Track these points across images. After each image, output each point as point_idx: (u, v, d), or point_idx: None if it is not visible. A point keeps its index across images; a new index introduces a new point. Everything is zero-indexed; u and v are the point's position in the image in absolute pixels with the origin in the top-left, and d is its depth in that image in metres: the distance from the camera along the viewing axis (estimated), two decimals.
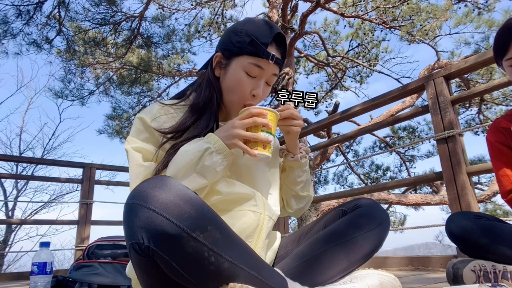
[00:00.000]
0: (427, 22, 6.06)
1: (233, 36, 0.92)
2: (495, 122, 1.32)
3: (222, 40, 0.97)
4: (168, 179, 0.66)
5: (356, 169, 8.56)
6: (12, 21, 5.19)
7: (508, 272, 1.09)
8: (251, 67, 0.90)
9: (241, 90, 0.91)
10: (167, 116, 0.91)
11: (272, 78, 0.95)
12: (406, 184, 5.02)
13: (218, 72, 0.96)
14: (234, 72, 0.91)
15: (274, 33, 0.90)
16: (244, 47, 0.89)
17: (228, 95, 0.94)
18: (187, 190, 0.65)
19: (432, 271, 1.92)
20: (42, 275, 1.61)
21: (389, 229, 0.92)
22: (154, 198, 0.61)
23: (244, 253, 0.68)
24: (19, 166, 10.76)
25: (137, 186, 0.65)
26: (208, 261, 0.61)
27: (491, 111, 6.79)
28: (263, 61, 0.89)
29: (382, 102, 2.51)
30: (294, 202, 1.07)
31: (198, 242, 0.60)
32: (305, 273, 0.79)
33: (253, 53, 0.89)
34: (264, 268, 0.71)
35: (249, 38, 0.88)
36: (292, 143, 1.00)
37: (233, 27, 0.95)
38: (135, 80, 6.41)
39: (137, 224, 0.60)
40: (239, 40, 0.90)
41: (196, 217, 0.61)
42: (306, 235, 0.99)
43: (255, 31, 0.90)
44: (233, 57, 0.92)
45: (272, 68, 0.92)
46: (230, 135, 0.80)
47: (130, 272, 0.83)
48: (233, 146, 0.81)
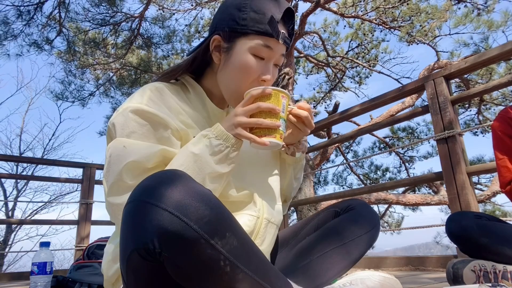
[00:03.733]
0: (427, 23, 6.06)
1: (235, 12, 0.78)
2: (503, 111, 1.32)
3: (219, 18, 0.82)
4: (182, 174, 0.58)
5: (355, 169, 8.56)
6: (13, 21, 5.20)
7: (508, 272, 1.09)
8: (260, 48, 0.77)
9: (248, 77, 0.79)
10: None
11: (281, 59, 0.83)
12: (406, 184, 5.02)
13: (217, 58, 0.82)
14: (239, 55, 0.78)
15: (283, 8, 0.79)
16: (251, 25, 0.77)
17: (231, 85, 0.81)
18: (204, 189, 0.57)
19: (432, 271, 1.92)
20: (42, 275, 1.61)
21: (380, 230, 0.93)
22: (168, 196, 0.52)
23: (259, 265, 0.61)
24: (19, 166, 10.78)
25: (144, 181, 0.57)
26: (223, 270, 0.54)
27: (490, 112, 6.79)
28: (272, 40, 0.78)
29: (381, 102, 2.51)
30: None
31: (216, 250, 0.53)
32: (305, 276, 0.78)
33: (262, 32, 0.77)
34: (278, 279, 0.65)
35: (256, 14, 0.77)
36: (291, 140, 0.90)
37: (233, 2, 0.81)
38: (135, 80, 6.41)
39: (147, 226, 0.52)
40: (244, 17, 0.77)
41: (216, 222, 0.54)
42: (296, 237, 0.97)
43: (261, 6, 0.78)
44: (237, 37, 0.78)
45: (281, 48, 0.81)
46: (232, 125, 0.72)
47: (106, 271, 0.76)
48: (237, 137, 0.72)
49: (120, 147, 0.70)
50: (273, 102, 0.73)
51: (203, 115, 0.85)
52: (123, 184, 0.69)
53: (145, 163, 0.69)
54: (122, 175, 0.68)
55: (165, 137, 0.74)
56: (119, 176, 0.68)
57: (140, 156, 0.69)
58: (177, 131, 0.76)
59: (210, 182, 0.71)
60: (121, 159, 0.69)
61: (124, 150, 0.69)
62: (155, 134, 0.73)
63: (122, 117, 0.72)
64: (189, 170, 0.68)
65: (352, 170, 8.50)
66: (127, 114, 0.72)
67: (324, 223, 0.94)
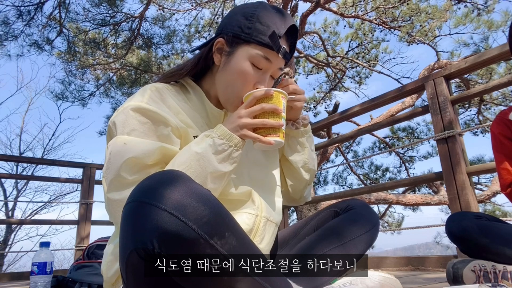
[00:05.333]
0: (427, 23, 6.06)
1: (242, 20, 0.81)
2: (501, 113, 1.31)
3: (227, 23, 0.85)
4: (181, 174, 0.58)
5: (355, 169, 8.56)
6: (13, 22, 5.20)
7: (508, 272, 1.09)
8: (259, 58, 0.80)
9: (244, 83, 0.81)
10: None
11: (278, 72, 0.87)
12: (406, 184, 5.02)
13: (218, 60, 0.85)
14: (238, 61, 0.81)
15: (288, 25, 0.82)
16: (255, 35, 0.79)
17: (227, 88, 0.83)
18: (203, 189, 0.57)
19: (432, 271, 1.92)
20: (42, 275, 1.61)
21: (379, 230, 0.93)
22: (167, 196, 0.52)
23: (259, 264, 0.61)
24: (19, 166, 10.78)
25: (143, 181, 0.57)
26: (223, 270, 0.55)
27: (490, 112, 6.79)
28: (272, 53, 0.80)
29: (381, 102, 2.51)
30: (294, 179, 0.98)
31: (215, 250, 0.53)
32: (305, 276, 0.78)
33: (263, 44, 0.79)
34: (278, 279, 0.65)
35: (261, 26, 0.79)
36: (295, 117, 0.93)
37: (242, 9, 0.84)
38: (135, 80, 6.41)
39: (146, 226, 0.52)
40: (249, 26, 0.80)
41: (215, 222, 0.54)
42: (296, 237, 0.98)
43: (267, 19, 0.80)
44: (239, 44, 0.81)
45: (280, 62, 0.83)
46: (237, 126, 0.73)
47: (106, 271, 0.76)
48: (242, 138, 0.74)
49: (121, 144, 0.70)
50: (275, 103, 0.76)
51: (202, 115, 0.86)
52: (123, 180, 0.69)
53: (144, 160, 0.70)
54: (121, 171, 0.69)
55: (165, 135, 0.74)
56: (118, 172, 0.69)
57: (140, 153, 0.69)
58: (177, 129, 0.77)
59: (211, 182, 0.71)
60: (121, 155, 0.69)
61: (124, 146, 0.70)
62: (156, 131, 0.74)
63: (123, 115, 0.73)
64: (191, 168, 0.69)
65: (352, 170, 8.50)
66: (128, 112, 0.73)
67: (324, 223, 0.94)
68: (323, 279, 0.80)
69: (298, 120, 0.94)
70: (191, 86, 0.88)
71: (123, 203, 0.62)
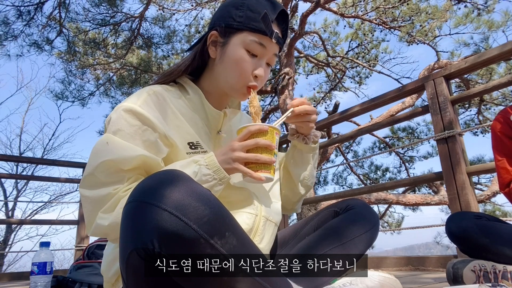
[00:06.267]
0: (427, 23, 6.06)
1: (233, 10, 0.83)
2: (503, 112, 1.31)
3: (218, 16, 0.86)
4: (181, 174, 0.58)
5: (355, 169, 8.56)
6: (13, 22, 5.20)
7: (508, 272, 1.09)
8: (253, 44, 0.81)
9: (242, 70, 0.82)
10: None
11: (273, 58, 0.87)
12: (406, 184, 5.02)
13: (213, 52, 0.86)
14: (233, 50, 0.82)
15: (278, 10, 0.83)
16: (247, 22, 0.81)
17: (227, 77, 0.84)
18: (203, 189, 0.57)
19: (432, 271, 1.92)
20: (42, 275, 1.61)
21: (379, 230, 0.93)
22: (167, 196, 0.52)
23: (259, 264, 0.61)
24: (19, 166, 10.78)
25: (144, 181, 0.57)
26: (223, 270, 0.55)
27: (490, 112, 6.79)
28: (266, 39, 0.81)
29: (381, 102, 2.51)
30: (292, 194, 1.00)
31: (215, 250, 0.53)
32: (305, 276, 0.78)
33: (256, 30, 0.80)
34: (278, 279, 0.65)
35: (252, 13, 0.81)
36: (306, 132, 0.94)
37: (232, 1, 0.86)
38: (135, 80, 6.41)
39: (146, 226, 0.51)
40: (240, 14, 0.81)
41: (215, 221, 0.54)
42: (296, 237, 0.98)
43: (258, 6, 0.82)
44: (233, 33, 0.82)
45: (274, 47, 0.84)
46: (229, 159, 0.72)
47: (106, 271, 0.77)
48: (233, 171, 0.73)
49: (103, 143, 0.72)
50: (269, 139, 0.75)
51: (201, 116, 0.86)
52: (95, 179, 0.70)
53: (121, 165, 0.70)
54: (96, 171, 0.70)
55: (151, 141, 0.74)
56: (94, 171, 0.70)
57: (119, 157, 0.69)
58: (166, 138, 0.76)
59: None
60: (100, 154, 0.70)
61: (105, 146, 0.71)
62: (142, 136, 0.74)
63: (115, 114, 0.75)
64: None
65: (352, 170, 8.50)
66: (119, 112, 0.74)
67: (323, 223, 0.94)
68: (323, 279, 0.80)
69: (309, 136, 0.95)
70: (190, 86, 0.88)
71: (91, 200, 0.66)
